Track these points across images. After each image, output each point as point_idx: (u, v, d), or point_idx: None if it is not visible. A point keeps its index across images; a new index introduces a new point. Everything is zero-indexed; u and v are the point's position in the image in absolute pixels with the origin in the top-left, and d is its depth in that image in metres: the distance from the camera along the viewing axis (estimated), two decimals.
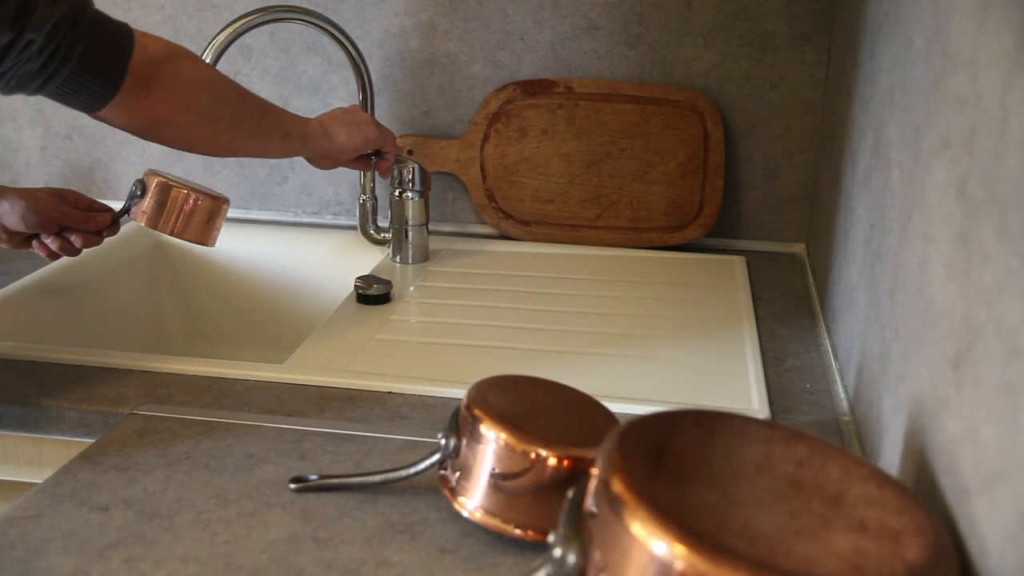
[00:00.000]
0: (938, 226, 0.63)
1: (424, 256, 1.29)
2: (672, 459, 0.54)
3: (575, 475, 0.66)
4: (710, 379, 0.96)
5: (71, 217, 1.05)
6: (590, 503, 0.53)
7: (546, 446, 0.67)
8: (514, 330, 1.07)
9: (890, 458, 0.71)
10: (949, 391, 0.57)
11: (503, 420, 0.68)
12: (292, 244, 1.37)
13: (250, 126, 0.97)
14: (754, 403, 0.91)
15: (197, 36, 1.39)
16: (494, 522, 0.68)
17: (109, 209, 1.08)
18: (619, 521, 0.49)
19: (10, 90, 0.80)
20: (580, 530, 0.53)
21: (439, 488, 0.75)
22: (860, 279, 0.89)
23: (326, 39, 1.34)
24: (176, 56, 0.89)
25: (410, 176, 1.26)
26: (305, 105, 1.40)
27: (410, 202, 1.27)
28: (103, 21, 0.83)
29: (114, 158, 1.46)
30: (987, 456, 0.50)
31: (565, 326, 1.09)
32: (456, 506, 0.70)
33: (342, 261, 1.33)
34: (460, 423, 0.71)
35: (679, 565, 0.46)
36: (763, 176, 1.35)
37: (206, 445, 0.82)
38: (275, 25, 1.37)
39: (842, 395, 0.93)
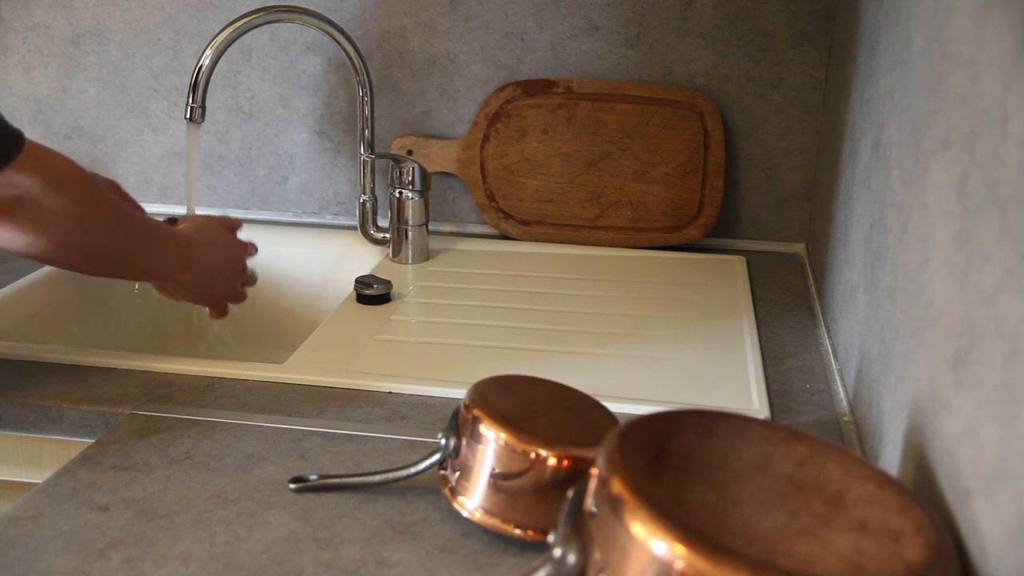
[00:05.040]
0: (938, 226, 0.63)
1: (424, 256, 1.29)
2: (672, 459, 0.54)
3: (575, 475, 0.66)
4: (710, 379, 0.96)
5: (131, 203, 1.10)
6: (590, 503, 0.53)
7: (546, 446, 0.67)
8: (514, 330, 1.07)
9: (890, 458, 0.71)
10: (949, 391, 0.57)
11: (503, 420, 0.68)
12: (292, 244, 1.37)
13: (108, 265, 0.93)
14: (754, 403, 0.91)
15: (197, 36, 1.39)
16: (494, 522, 0.68)
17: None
18: (619, 521, 0.49)
19: None
20: (580, 530, 0.53)
21: (439, 488, 0.75)
22: (860, 279, 0.89)
23: (326, 39, 1.34)
24: (63, 191, 0.84)
25: (410, 176, 1.26)
26: (305, 105, 1.40)
27: (410, 202, 1.27)
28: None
29: (114, 158, 1.46)
30: (987, 456, 0.50)
31: (565, 326, 1.09)
32: (456, 506, 0.70)
33: (342, 261, 1.33)
34: (460, 423, 0.71)
35: (679, 565, 0.46)
36: (763, 176, 1.35)
37: (206, 445, 0.82)
38: (275, 25, 1.37)
39: (842, 395, 0.93)
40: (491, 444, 0.68)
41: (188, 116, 1.16)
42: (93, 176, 0.88)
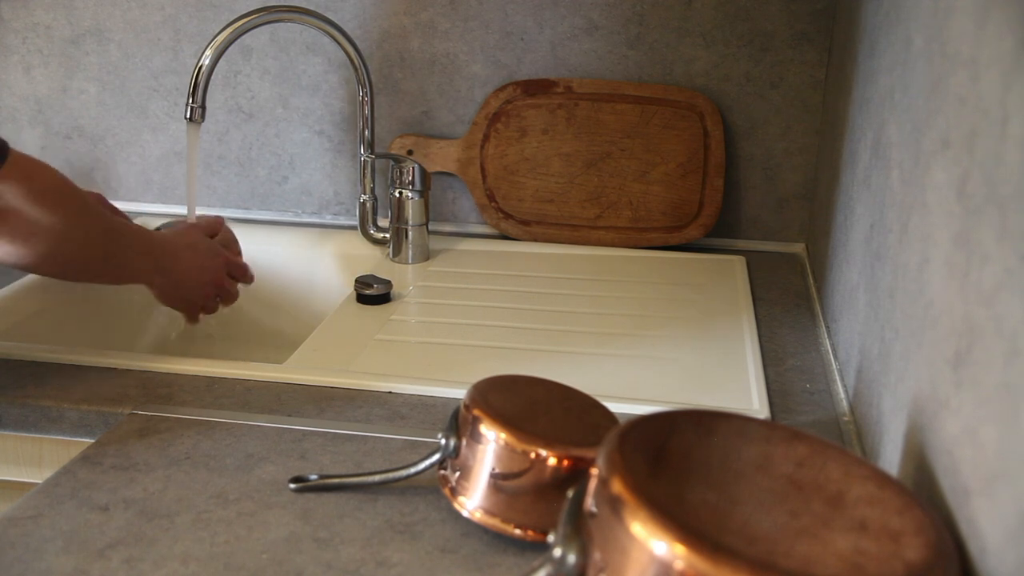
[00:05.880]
0: (938, 226, 0.63)
1: (424, 256, 1.29)
2: (672, 459, 0.54)
3: (575, 475, 0.66)
4: (710, 379, 0.96)
5: None
6: (590, 503, 0.53)
7: (546, 446, 0.67)
8: (514, 330, 1.07)
9: (890, 458, 0.71)
10: (949, 391, 0.57)
11: (503, 420, 0.68)
12: (292, 244, 1.37)
13: (86, 273, 0.94)
14: (754, 403, 0.91)
15: (197, 36, 1.39)
16: (494, 522, 0.68)
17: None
18: (619, 521, 0.49)
19: None
20: (580, 530, 0.53)
21: (439, 488, 0.75)
22: (860, 279, 0.89)
23: (326, 39, 1.34)
24: (47, 203, 0.84)
25: (410, 176, 1.26)
26: (305, 105, 1.40)
27: (410, 202, 1.27)
28: None
29: (114, 158, 1.46)
30: (987, 456, 0.50)
31: (565, 326, 1.09)
32: (456, 506, 0.70)
33: (342, 261, 1.33)
34: (460, 423, 0.71)
35: (679, 565, 0.46)
36: (763, 176, 1.35)
37: (206, 445, 0.82)
38: (275, 25, 1.37)
39: (842, 395, 0.93)
40: (491, 444, 0.68)
41: (188, 116, 1.16)
42: (75, 186, 0.88)
